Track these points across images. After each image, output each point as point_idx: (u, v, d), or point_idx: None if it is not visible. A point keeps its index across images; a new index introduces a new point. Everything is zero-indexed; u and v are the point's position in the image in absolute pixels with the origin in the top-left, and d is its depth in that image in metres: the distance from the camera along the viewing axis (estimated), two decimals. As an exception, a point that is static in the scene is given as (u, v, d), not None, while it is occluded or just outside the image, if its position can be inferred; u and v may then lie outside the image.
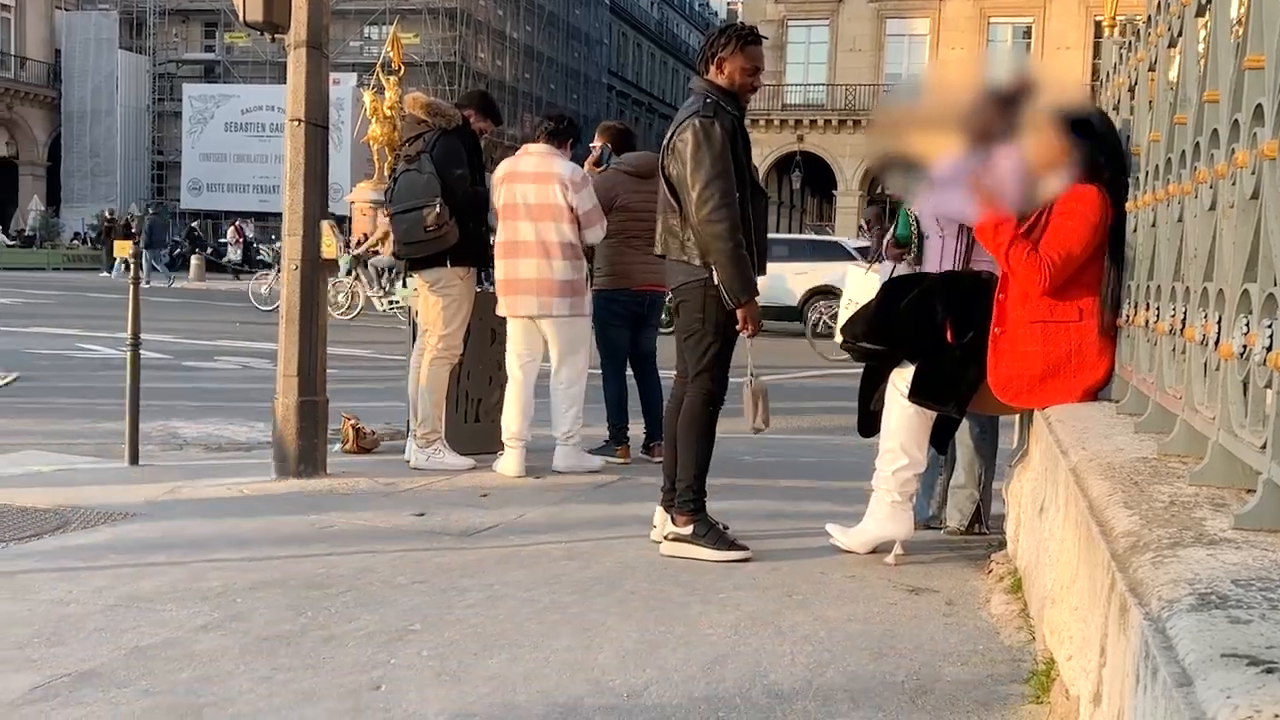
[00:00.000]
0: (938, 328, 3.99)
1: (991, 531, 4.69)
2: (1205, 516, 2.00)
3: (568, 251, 5.92)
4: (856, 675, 3.04)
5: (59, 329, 14.62)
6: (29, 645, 3.18)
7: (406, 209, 5.98)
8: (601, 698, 2.86)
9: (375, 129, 37.03)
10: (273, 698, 2.84)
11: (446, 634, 3.34)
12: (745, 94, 4.46)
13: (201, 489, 5.48)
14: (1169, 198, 2.87)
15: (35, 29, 46.24)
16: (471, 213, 6.08)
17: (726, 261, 4.24)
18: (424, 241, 5.97)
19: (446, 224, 5.90)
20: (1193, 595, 1.54)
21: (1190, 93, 2.74)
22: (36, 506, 4.91)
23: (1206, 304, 2.32)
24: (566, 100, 56.84)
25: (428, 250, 6.01)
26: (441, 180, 5.91)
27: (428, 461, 6.05)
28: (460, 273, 6.10)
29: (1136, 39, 3.71)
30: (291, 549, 4.33)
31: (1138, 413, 3.03)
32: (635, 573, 4.08)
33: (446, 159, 5.97)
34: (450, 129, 6.05)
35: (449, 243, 5.95)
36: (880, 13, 41.22)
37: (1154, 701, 1.42)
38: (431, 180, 5.90)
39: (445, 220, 5.89)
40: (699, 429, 4.41)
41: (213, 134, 44.60)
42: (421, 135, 6.07)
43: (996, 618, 3.58)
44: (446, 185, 5.92)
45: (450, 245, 5.97)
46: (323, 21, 5.92)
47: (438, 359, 6.11)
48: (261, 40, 8.76)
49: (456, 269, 6.08)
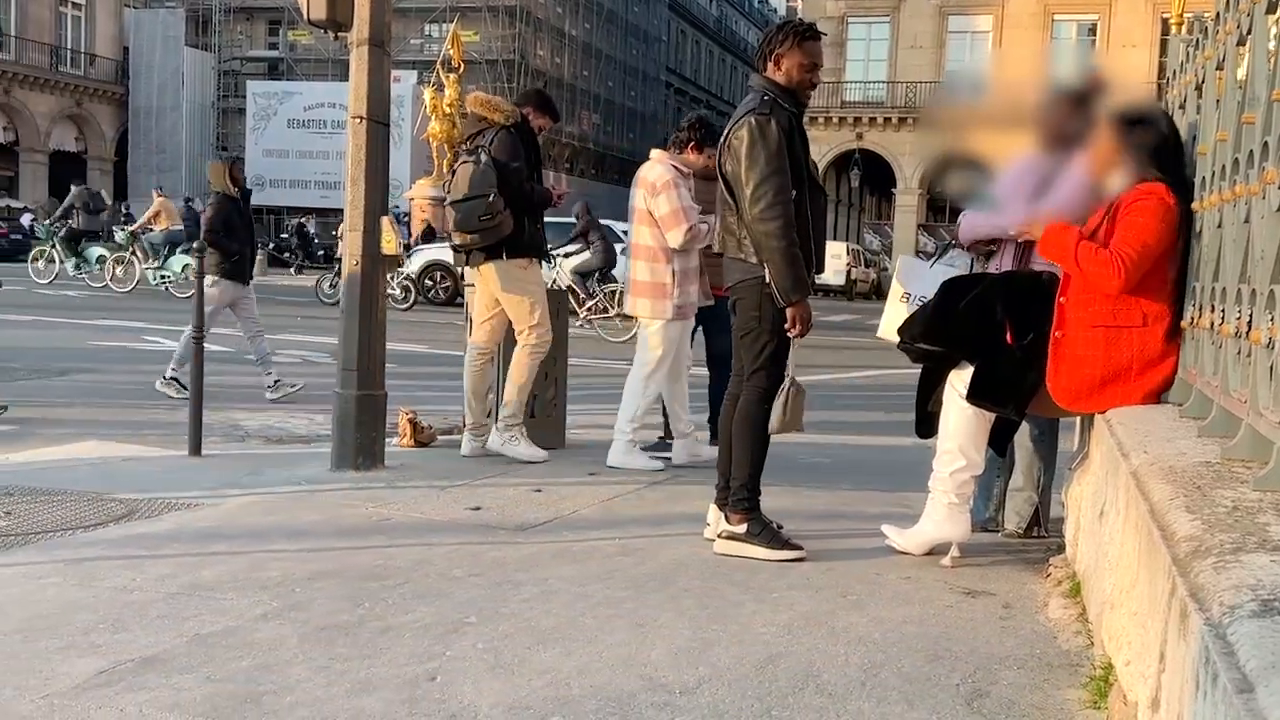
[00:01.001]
0: (997, 328, 3.94)
1: (1050, 535, 4.64)
2: (1269, 522, 1.97)
3: (645, 254, 6.06)
4: (911, 677, 3.03)
5: (125, 321, 14.89)
6: (94, 631, 3.25)
7: (462, 199, 6.09)
8: (654, 694, 2.87)
9: (435, 126, 37.31)
10: (330, 687, 2.88)
11: (501, 627, 3.37)
12: (804, 91, 4.43)
13: (262, 480, 5.56)
14: (1235, 198, 2.82)
15: (105, 26, 47.14)
16: (526, 206, 6.18)
17: (779, 260, 4.23)
18: (479, 231, 6.08)
19: (501, 214, 6.02)
20: (1255, 601, 1.52)
21: (1259, 91, 2.69)
22: (102, 496, 5.01)
23: (1274, 306, 2.28)
24: (625, 98, 56.95)
25: (483, 241, 6.12)
26: (497, 173, 6.02)
27: (503, 447, 6.21)
28: (520, 264, 6.21)
29: (1204, 36, 3.65)
30: (349, 540, 4.39)
31: (1201, 416, 2.98)
32: (689, 570, 4.09)
33: (502, 153, 6.10)
34: (508, 125, 6.17)
35: (503, 233, 6.07)
36: (942, 9, 40.86)
37: (1214, 707, 1.40)
38: (487, 172, 6.01)
39: (500, 210, 6.01)
40: (754, 428, 4.40)
41: (276, 130, 45.16)
42: (481, 131, 6.21)
43: (1054, 622, 3.54)
44: (502, 178, 6.03)
45: (505, 236, 6.07)
46: (384, 19, 5.99)
47: (533, 350, 6.25)
48: (324, 38, 8.86)
49: (514, 261, 6.18)
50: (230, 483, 5.46)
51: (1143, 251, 3.59)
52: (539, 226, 6.35)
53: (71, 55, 46.13)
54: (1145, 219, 3.62)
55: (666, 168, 6.06)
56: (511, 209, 6.06)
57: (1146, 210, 3.63)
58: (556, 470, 5.97)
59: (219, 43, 48.87)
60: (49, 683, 2.85)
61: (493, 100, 6.31)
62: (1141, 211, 3.63)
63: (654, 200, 5.98)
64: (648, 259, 6.06)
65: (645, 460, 6.15)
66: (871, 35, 41.89)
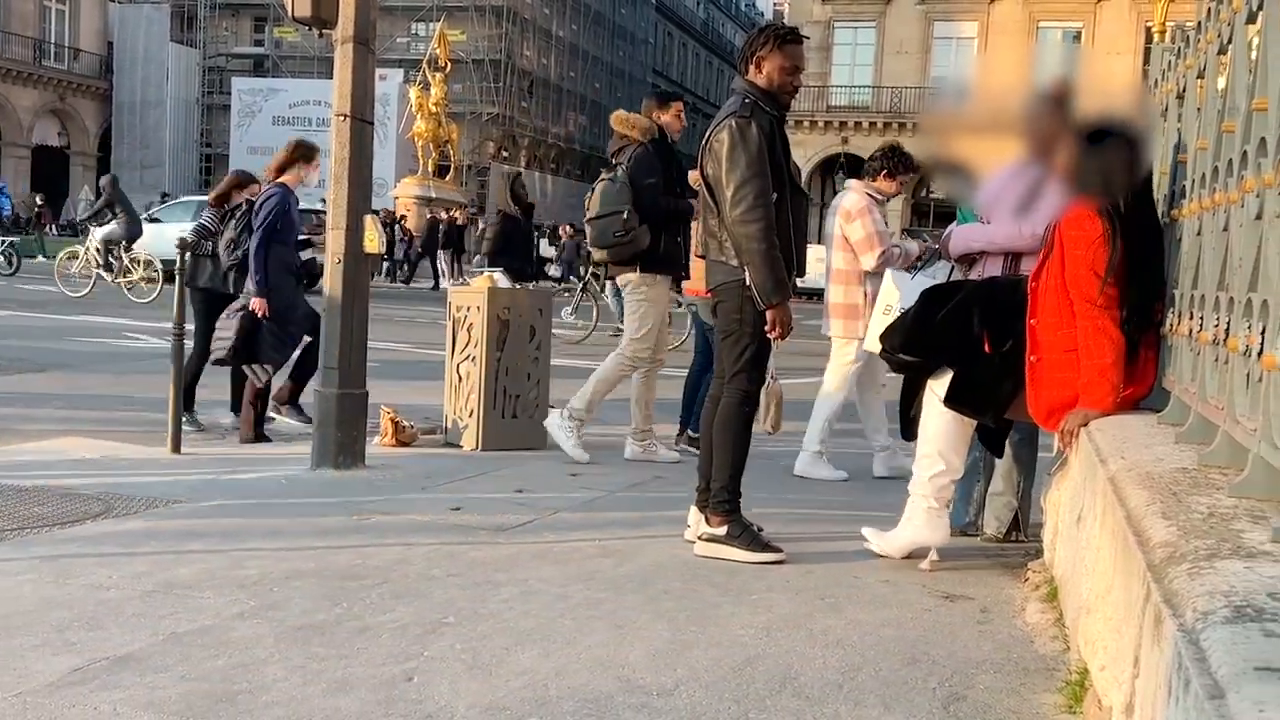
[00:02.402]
0: (975, 338, 3.93)
1: (1029, 539, 4.65)
2: (1244, 529, 1.98)
3: (840, 277, 6.32)
4: (888, 680, 3.03)
5: (106, 318, 14.81)
6: (69, 629, 3.23)
7: (597, 216, 6.32)
8: (632, 695, 2.87)
9: (420, 125, 37.10)
10: (306, 686, 2.86)
11: (479, 628, 3.36)
12: (786, 94, 4.44)
13: (241, 478, 5.54)
14: (1215, 206, 2.84)
15: (89, 21, 46.90)
16: (661, 220, 6.33)
17: (760, 262, 4.23)
18: (613, 247, 6.30)
19: (635, 230, 6.22)
20: (1228, 608, 1.52)
21: (1239, 100, 2.70)
22: (80, 492, 4.98)
23: (1250, 314, 2.29)
24: (611, 99, 56.90)
25: (619, 255, 6.34)
26: (632, 189, 6.22)
27: (641, 454, 6.43)
28: (649, 279, 6.35)
29: (1186, 45, 3.67)
30: (328, 540, 4.38)
31: (1179, 423, 2.99)
32: (668, 572, 4.09)
33: (638, 169, 6.30)
34: (645, 141, 6.40)
35: (639, 247, 6.26)
36: (928, 15, 40.97)
37: (1186, 713, 1.41)
38: (622, 189, 6.24)
39: (634, 226, 6.22)
40: (735, 430, 4.40)
41: (260, 127, 44.99)
42: (622, 148, 6.47)
43: (1031, 626, 3.55)
44: (636, 194, 6.23)
45: (640, 250, 6.26)
46: (370, 18, 5.98)
47: (627, 361, 6.41)
48: (310, 35, 8.87)
49: (645, 275, 6.34)
50: (209, 481, 5.43)
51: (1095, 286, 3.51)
52: (679, 240, 6.46)
53: (55, 49, 45.89)
54: (1081, 251, 3.54)
55: (860, 195, 6.31)
56: (646, 224, 6.24)
57: (1080, 242, 3.55)
58: (538, 471, 5.96)
59: (204, 39, 48.75)
60: (22, 680, 2.83)
61: (631, 118, 6.55)
62: (1076, 244, 3.55)
63: (849, 226, 6.24)
64: (843, 282, 6.32)
65: (830, 470, 6.26)
66: (858, 40, 41.97)
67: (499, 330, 6.64)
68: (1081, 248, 3.55)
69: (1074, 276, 3.57)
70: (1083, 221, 3.57)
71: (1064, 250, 3.61)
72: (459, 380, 6.71)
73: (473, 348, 6.63)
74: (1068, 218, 3.63)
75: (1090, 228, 3.54)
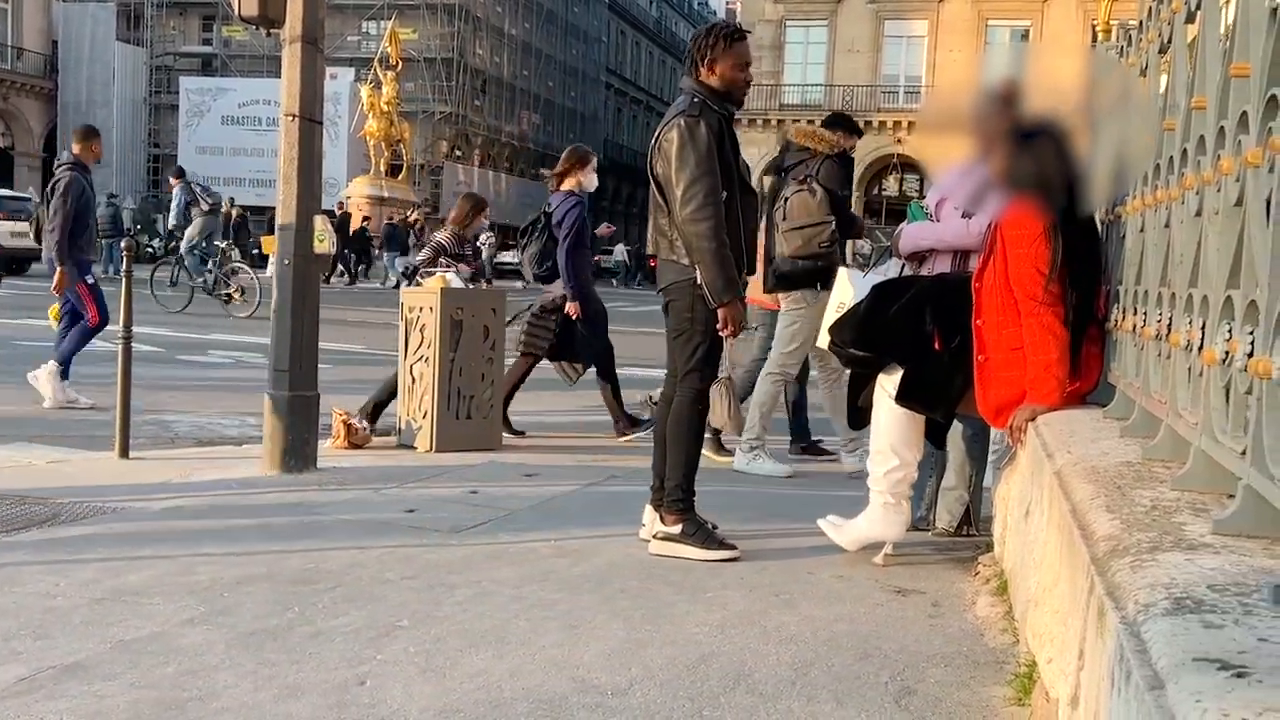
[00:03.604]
0: (926, 336, 3.96)
1: (980, 533, 4.70)
2: (1185, 521, 2.01)
3: None
4: (841, 675, 3.05)
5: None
6: (15, 638, 3.18)
7: (803, 225, 6.20)
8: (586, 695, 2.87)
9: (372, 124, 36.83)
10: (258, 692, 2.84)
11: (433, 630, 3.35)
12: (739, 91, 4.45)
13: (190, 482, 5.48)
14: (1157, 203, 2.88)
15: (33, 19, 46.09)
16: (846, 234, 6.38)
17: (710, 260, 4.24)
18: (812, 256, 6.18)
19: (837, 242, 6.25)
20: (1168, 599, 1.55)
21: (1179, 98, 2.74)
22: (26, 498, 4.91)
23: (1191, 310, 2.33)
24: (565, 98, 56.83)
25: (812, 265, 6.20)
26: (831, 201, 6.19)
27: (748, 466, 6.32)
28: (811, 295, 6.22)
29: (1129, 44, 3.72)
30: (280, 544, 4.34)
31: (1124, 417, 3.04)
32: (623, 571, 4.09)
33: (831, 182, 6.26)
34: (833, 154, 6.34)
35: (833, 259, 6.21)
36: (879, 14, 41.24)
37: (1127, 704, 1.43)
38: (824, 200, 6.16)
39: (837, 239, 6.23)
40: (688, 428, 4.41)
41: (209, 127, 44.53)
42: (803, 160, 6.36)
43: (982, 620, 3.59)
44: (834, 206, 6.20)
45: (835, 263, 6.18)
46: (318, 16, 5.93)
47: (773, 376, 6.38)
48: (259, 34, 8.78)
49: (808, 291, 6.23)
50: (158, 485, 5.37)
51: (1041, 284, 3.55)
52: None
53: (-2, 48, 45.13)
54: (1024, 249, 3.58)
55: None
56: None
57: (1023, 241, 3.59)
58: (492, 473, 5.95)
59: (151, 38, 48.10)
60: (-33, 691, 2.79)
61: (817, 131, 6.46)
62: (1018, 244, 3.60)
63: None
64: None
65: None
66: (810, 39, 42.14)
67: (452, 331, 6.61)
68: (1024, 246, 3.59)
69: (1017, 275, 3.61)
70: (1023, 220, 3.62)
71: (1006, 249, 3.65)
72: (412, 382, 6.68)
73: (426, 349, 6.60)
74: (1008, 217, 3.67)
75: (1031, 226, 3.58)
